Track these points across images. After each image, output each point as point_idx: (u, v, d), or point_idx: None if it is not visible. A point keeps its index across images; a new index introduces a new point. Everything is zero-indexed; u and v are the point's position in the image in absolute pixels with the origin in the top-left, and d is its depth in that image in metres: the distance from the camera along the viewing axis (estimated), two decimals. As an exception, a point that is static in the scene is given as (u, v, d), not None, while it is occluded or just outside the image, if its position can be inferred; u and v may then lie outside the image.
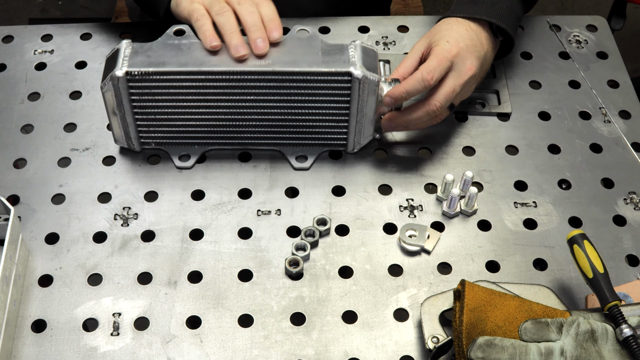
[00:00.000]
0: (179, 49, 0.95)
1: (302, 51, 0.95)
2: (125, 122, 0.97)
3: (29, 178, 1.01)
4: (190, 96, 0.95)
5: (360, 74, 0.93)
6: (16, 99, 1.09)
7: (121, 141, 1.01)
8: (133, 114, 0.96)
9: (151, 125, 0.99)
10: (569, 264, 0.95)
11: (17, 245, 0.89)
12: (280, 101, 0.96)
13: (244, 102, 0.96)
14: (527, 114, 1.10)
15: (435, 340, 0.84)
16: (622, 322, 0.79)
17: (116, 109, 0.95)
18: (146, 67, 0.92)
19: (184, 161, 1.02)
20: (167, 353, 0.86)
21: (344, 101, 0.96)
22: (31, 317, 0.89)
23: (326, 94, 0.96)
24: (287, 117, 0.98)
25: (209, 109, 0.97)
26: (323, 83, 0.94)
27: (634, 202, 1.01)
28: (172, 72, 0.93)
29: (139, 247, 0.95)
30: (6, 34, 1.17)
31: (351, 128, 1.00)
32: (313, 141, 1.02)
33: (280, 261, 0.94)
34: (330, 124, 1.00)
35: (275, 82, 0.94)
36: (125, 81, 0.92)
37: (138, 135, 1.00)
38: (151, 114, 0.97)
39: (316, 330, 0.89)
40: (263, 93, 0.95)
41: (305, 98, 0.96)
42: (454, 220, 0.99)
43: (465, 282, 0.83)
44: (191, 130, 1.00)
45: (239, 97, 0.96)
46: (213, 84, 0.94)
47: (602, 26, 1.22)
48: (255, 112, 0.98)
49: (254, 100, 0.96)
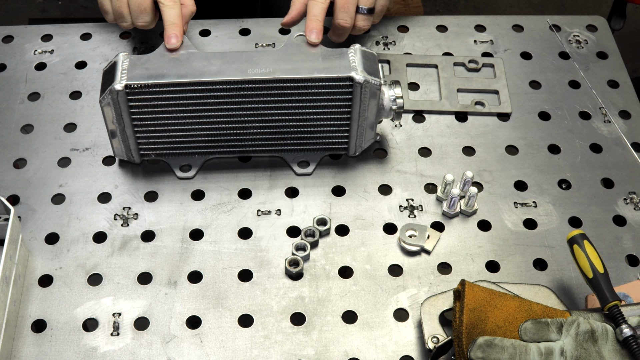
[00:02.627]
0: (177, 60, 0.94)
1: (302, 57, 0.95)
2: (125, 135, 0.97)
3: (29, 178, 1.01)
4: (190, 107, 0.95)
5: (362, 78, 0.92)
6: (16, 99, 1.09)
7: (121, 154, 1.00)
8: (133, 127, 0.96)
9: (151, 137, 0.98)
10: (569, 264, 0.95)
11: (17, 245, 0.89)
12: (282, 108, 0.96)
13: (245, 111, 0.96)
14: (527, 114, 1.10)
15: (435, 340, 0.84)
16: (622, 322, 0.79)
17: (115, 122, 0.94)
18: (145, 79, 0.91)
19: (185, 171, 1.01)
20: (167, 353, 0.86)
21: (345, 106, 0.96)
22: (31, 317, 0.89)
23: (327, 99, 0.95)
24: (288, 123, 0.98)
25: (210, 119, 0.97)
26: (324, 89, 0.94)
27: (634, 202, 1.01)
28: (172, 84, 0.92)
29: (139, 247, 0.95)
30: (6, 34, 1.17)
31: (353, 132, 0.99)
32: (314, 147, 1.02)
33: (280, 261, 0.94)
34: (332, 129, 0.99)
35: (276, 89, 0.94)
36: (125, 95, 0.92)
37: (138, 147, 0.99)
38: (151, 126, 0.97)
39: (316, 330, 0.89)
40: (264, 101, 0.95)
41: (306, 104, 0.96)
42: (454, 220, 0.99)
43: (465, 282, 0.83)
44: (191, 140, 0.99)
45: (240, 106, 0.95)
46: (213, 94, 0.94)
47: (602, 26, 1.22)
48: (256, 120, 0.97)
49: (254, 109, 0.96)
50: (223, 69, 0.93)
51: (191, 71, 0.93)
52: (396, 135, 1.07)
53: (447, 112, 1.10)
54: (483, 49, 1.18)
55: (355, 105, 0.95)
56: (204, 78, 0.92)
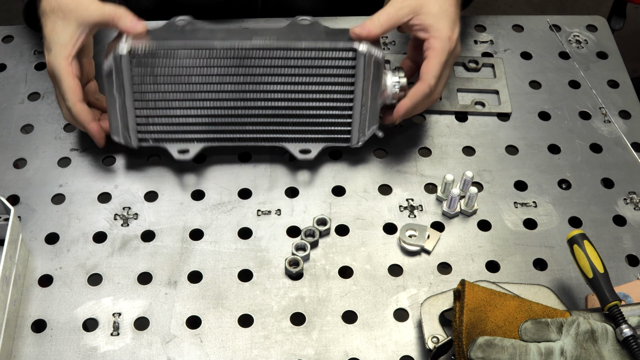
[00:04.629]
0: (182, 31, 0.94)
1: (306, 33, 0.95)
2: (124, 109, 0.95)
3: (29, 178, 1.01)
4: (193, 77, 0.94)
5: (365, 49, 0.92)
6: (16, 99, 1.09)
7: (117, 134, 0.98)
8: (134, 99, 0.94)
9: (150, 115, 0.97)
10: (569, 264, 0.95)
11: (17, 245, 0.89)
12: (284, 83, 0.95)
13: (247, 85, 0.95)
14: (527, 114, 1.10)
15: (435, 340, 0.84)
16: (622, 322, 0.79)
17: (116, 91, 0.93)
18: (149, 45, 0.91)
19: (183, 154, 1.00)
20: (167, 353, 0.86)
21: (348, 83, 0.95)
22: (31, 317, 0.89)
23: (331, 74, 0.94)
24: (290, 103, 0.96)
25: (212, 92, 0.95)
26: (327, 60, 0.93)
27: (634, 202, 1.01)
28: (176, 47, 0.91)
29: (139, 247, 0.95)
30: (6, 34, 1.17)
31: (355, 115, 0.98)
32: (316, 134, 1.00)
33: (280, 261, 0.94)
34: (335, 112, 0.98)
35: (279, 59, 0.93)
36: (129, 61, 0.91)
37: (136, 126, 0.97)
38: (152, 101, 0.95)
39: (316, 330, 0.89)
40: (267, 73, 0.94)
41: (309, 80, 0.95)
42: (454, 220, 0.99)
43: (465, 282, 0.83)
44: (192, 122, 0.98)
45: (242, 79, 0.94)
46: (217, 60, 0.93)
47: (602, 26, 1.22)
48: (258, 98, 0.96)
49: (257, 83, 0.95)
50: (228, 37, 0.93)
51: (196, 39, 0.93)
52: (396, 135, 1.07)
53: (447, 112, 1.10)
54: (483, 49, 1.18)
55: (359, 79, 0.94)
56: (209, 42, 0.92)
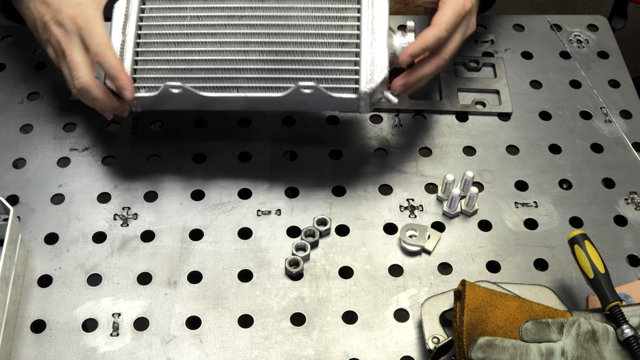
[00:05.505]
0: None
1: None
2: (123, 49, 0.92)
3: (28, 178, 1.01)
4: (200, 20, 0.93)
5: None
6: (16, 99, 1.09)
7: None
8: (135, 39, 0.92)
9: (150, 60, 0.92)
10: (570, 264, 0.94)
11: (16, 245, 0.89)
12: (288, 18, 0.92)
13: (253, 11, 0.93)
14: (527, 114, 1.10)
15: (435, 341, 0.83)
16: (623, 322, 0.79)
17: (121, 31, 0.92)
18: None
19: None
20: (167, 353, 0.86)
21: (354, 8, 0.92)
22: (30, 317, 0.89)
23: (334, 8, 0.92)
24: (293, 39, 0.92)
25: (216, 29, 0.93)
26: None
27: (635, 202, 1.01)
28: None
29: (138, 247, 0.95)
30: (6, 34, 1.17)
31: (363, 52, 0.91)
32: (323, 74, 0.91)
33: (280, 261, 0.94)
34: (340, 49, 0.91)
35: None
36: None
37: (133, 70, 0.92)
38: (154, 44, 0.93)
39: (316, 330, 0.89)
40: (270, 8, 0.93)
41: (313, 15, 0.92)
42: (454, 221, 0.99)
43: (465, 283, 0.83)
44: (192, 69, 0.92)
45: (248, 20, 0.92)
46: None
47: (603, 26, 1.22)
48: (260, 25, 0.92)
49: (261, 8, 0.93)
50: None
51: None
52: (396, 135, 1.07)
53: (448, 111, 1.10)
54: (484, 49, 1.18)
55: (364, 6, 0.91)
56: None
